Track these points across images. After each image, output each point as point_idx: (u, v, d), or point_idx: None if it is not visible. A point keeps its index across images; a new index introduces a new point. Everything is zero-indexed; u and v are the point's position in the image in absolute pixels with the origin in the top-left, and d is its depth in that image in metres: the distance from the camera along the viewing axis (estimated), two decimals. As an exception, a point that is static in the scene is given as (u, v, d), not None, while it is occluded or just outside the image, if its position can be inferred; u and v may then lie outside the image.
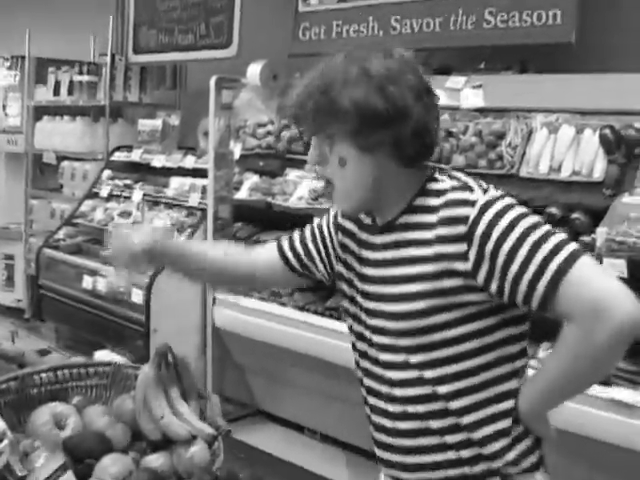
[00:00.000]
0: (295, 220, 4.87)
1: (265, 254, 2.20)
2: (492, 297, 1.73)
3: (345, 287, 1.99)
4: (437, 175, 1.83)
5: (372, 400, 1.93)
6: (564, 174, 3.97)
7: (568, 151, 3.99)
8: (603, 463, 3.53)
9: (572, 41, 4.20)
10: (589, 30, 4.29)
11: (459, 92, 4.18)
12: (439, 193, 1.78)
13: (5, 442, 1.90)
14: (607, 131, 3.83)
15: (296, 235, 2.16)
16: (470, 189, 1.76)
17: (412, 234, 1.79)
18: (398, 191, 1.82)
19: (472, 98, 4.16)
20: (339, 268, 2.02)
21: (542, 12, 4.31)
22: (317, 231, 2.11)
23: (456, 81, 4.18)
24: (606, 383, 3.43)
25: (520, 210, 1.73)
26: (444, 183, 1.80)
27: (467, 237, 1.71)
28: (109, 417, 2.23)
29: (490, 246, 1.69)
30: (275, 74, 5.18)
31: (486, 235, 1.69)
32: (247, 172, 5.48)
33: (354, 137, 1.74)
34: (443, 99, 4.18)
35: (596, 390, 3.41)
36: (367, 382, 1.94)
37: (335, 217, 2.05)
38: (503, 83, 4.35)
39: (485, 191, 1.76)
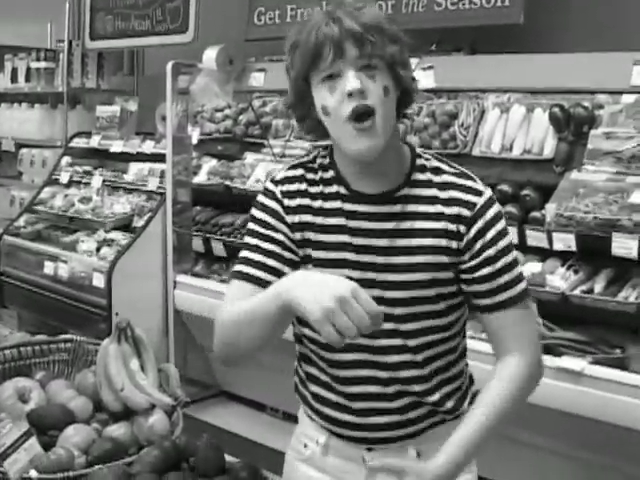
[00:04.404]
0: (253, 202, 4.94)
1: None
2: (460, 281, 1.86)
3: (324, 264, 1.88)
4: (420, 152, 1.90)
5: (347, 373, 1.93)
6: (516, 152, 4.07)
7: (519, 130, 4.08)
8: (551, 430, 3.64)
9: (521, 22, 4.27)
10: (537, 11, 4.36)
11: (411, 73, 4.25)
12: (438, 171, 1.86)
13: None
14: (557, 110, 3.93)
15: (249, 260, 1.88)
16: (471, 178, 1.87)
17: (418, 207, 1.83)
18: (398, 156, 1.86)
19: (423, 79, 4.23)
20: (307, 252, 1.90)
21: (491, -6, 4.39)
22: (263, 239, 1.88)
23: (408, 63, 4.24)
24: (554, 353, 3.54)
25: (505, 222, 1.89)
26: (437, 163, 1.88)
27: (470, 221, 1.81)
28: (72, 390, 2.30)
29: (487, 237, 1.82)
30: (231, 59, 5.22)
31: (486, 227, 1.82)
32: (205, 156, 5.52)
33: (400, 67, 1.76)
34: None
35: (544, 359, 3.51)
36: (345, 356, 1.91)
37: (276, 200, 1.89)
38: (454, 64, 4.43)
39: (479, 181, 1.89)
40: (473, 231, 1.81)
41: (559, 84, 4.01)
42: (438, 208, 1.83)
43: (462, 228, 1.81)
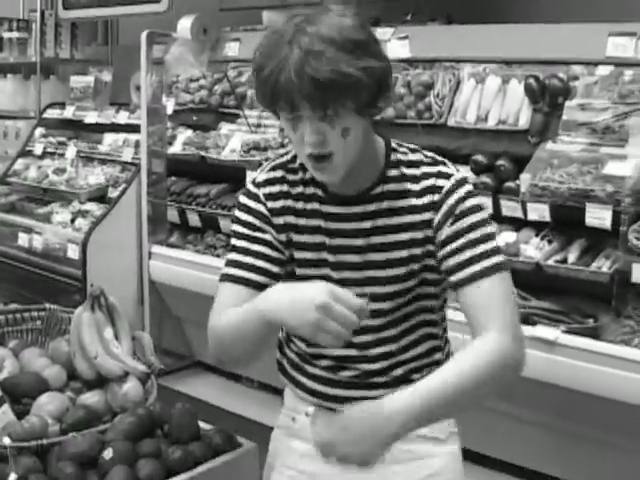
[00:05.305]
0: (229, 172, 4.93)
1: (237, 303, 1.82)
2: (436, 261, 1.83)
3: (305, 264, 1.91)
4: (395, 146, 1.88)
5: (327, 362, 1.96)
6: (491, 123, 4.08)
7: (494, 101, 4.09)
8: (525, 399, 3.66)
9: (497, -8, 4.28)
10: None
11: (386, 43, 4.24)
12: (412, 163, 1.85)
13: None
14: (532, 81, 3.94)
15: (237, 262, 1.87)
16: (443, 163, 1.86)
17: (393, 203, 1.83)
18: (372, 156, 1.84)
19: (399, 49, 4.22)
20: (291, 252, 1.91)
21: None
22: (251, 241, 1.88)
23: (383, 32, 4.23)
24: (529, 322, 3.57)
25: (481, 200, 1.85)
26: (412, 155, 1.87)
27: (439, 204, 1.80)
28: (45, 359, 2.29)
29: (455, 213, 1.79)
30: (206, 28, 5.18)
31: (454, 206, 1.79)
32: (180, 127, 5.50)
33: (364, 105, 1.69)
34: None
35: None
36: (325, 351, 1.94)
37: (260, 202, 1.89)
38: (429, 34, 4.42)
39: (454, 166, 1.87)
40: (441, 212, 1.80)
41: (535, 55, 4.00)
42: (412, 202, 1.83)
43: (432, 213, 1.81)
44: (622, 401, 3.29)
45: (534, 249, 3.69)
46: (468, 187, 1.82)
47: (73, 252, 5.15)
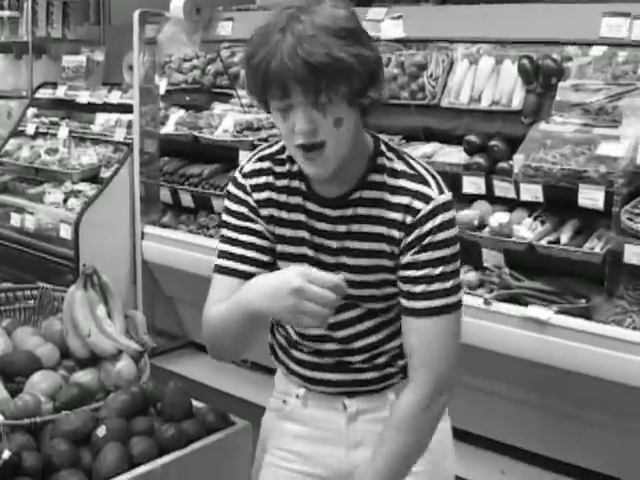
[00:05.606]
0: (221, 152, 4.92)
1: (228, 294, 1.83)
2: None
3: (286, 258, 1.91)
4: (384, 149, 1.85)
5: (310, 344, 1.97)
6: (484, 104, 4.08)
7: (488, 81, 4.09)
8: (518, 379, 3.69)
9: (490, -28, 4.25)
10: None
11: (380, 23, 4.23)
12: (395, 173, 1.82)
13: None
14: (525, 61, 3.94)
15: (228, 253, 1.88)
16: (425, 182, 1.80)
17: (368, 210, 1.82)
18: (359, 155, 1.81)
19: (392, 29, 4.21)
20: (278, 247, 1.92)
21: (461, -56, 4.36)
22: (240, 231, 1.89)
23: (377, 12, 4.22)
24: (521, 303, 3.58)
25: (455, 232, 1.81)
26: (397, 163, 1.83)
27: (410, 228, 1.77)
28: (38, 337, 2.29)
29: (423, 244, 1.77)
30: (198, 7, 5.15)
31: (424, 236, 1.76)
32: (173, 107, 5.49)
33: (355, 94, 1.68)
34: (364, 30, 4.27)
35: (511, 309, 3.57)
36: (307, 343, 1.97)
37: (247, 193, 1.89)
38: (423, 14, 4.41)
39: (437, 185, 1.80)
40: (411, 237, 1.77)
41: (528, 35, 4.00)
42: (385, 213, 1.80)
43: (402, 234, 1.79)
44: (614, 381, 3.30)
45: (527, 230, 3.69)
46: (444, 216, 1.77)
47: (66, 232, 5.15)
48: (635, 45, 3.66)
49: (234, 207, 1.90)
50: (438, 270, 1.76)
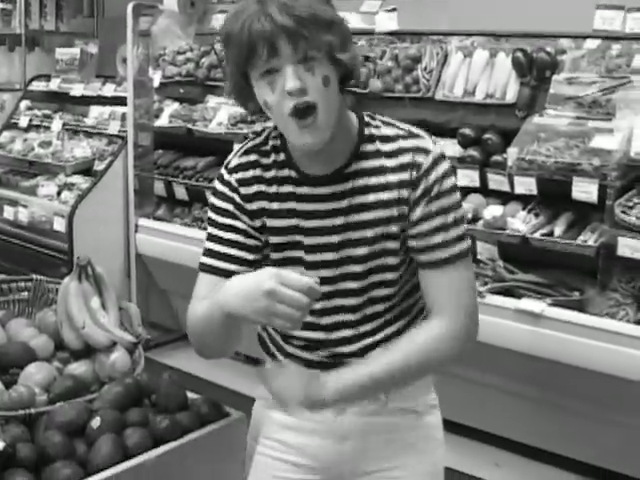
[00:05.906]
0: (216, 145, 4.92)
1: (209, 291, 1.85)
2: (407, 240, 1.83)
3: (279, 248, 1.91)
4: (368, 120, 1.86)
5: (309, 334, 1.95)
6: (478, 97, 4.08)
7: (482, 74, 4.09)
8: (510, 371, 3.69)
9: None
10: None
11: (374, 16, 4.23)
12: (387, 138, 1.83)
13: None
14: (519, 55, 3.94)
15: (213, 252, 1.87)
16: (419, 136, 1.82)
17: (368, 180, 1.81)
18: (346, 129, 1.82)
19: (386, 22, 4.21)
20: (266, 237, 1.90)
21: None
22: (225, 229, 1.87)
23: (371, 5, 4.22)
24: (515, 295, 3.59)
25: (455, 180, 1.84)
26: (386, 129, 1.84)
27: (416, 182, 1.78)
28: (32, 329, 2.29)
29: (431, 195, 1.78)
30: (192, 0, 5.16)
31: (432, 186, 1.78)
32: (167, 100, 5.49)
33: (337, 48, 1.70)
34: (358, 23, 4.27)
35: (505, 302, 3.57)
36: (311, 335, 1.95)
37: (233, 190, 1.87)
38: (417, 6, 4.40)
39: (430, 138, 1.83)
40: (419, 191, 1.78)
41: (522, 28, 3.99)
42: (387, 178, 1.81)
43: (409, 192, 1.79)
44: (607, 373, 3.31)
45: (521, 222, 3.70)
46: (445, 165, 1.80)
47: (59, 225, 5.14)
48: (629, 38, 3.66)
49: (219, 203, 1.88)
50: (451, 217, 1.80)
